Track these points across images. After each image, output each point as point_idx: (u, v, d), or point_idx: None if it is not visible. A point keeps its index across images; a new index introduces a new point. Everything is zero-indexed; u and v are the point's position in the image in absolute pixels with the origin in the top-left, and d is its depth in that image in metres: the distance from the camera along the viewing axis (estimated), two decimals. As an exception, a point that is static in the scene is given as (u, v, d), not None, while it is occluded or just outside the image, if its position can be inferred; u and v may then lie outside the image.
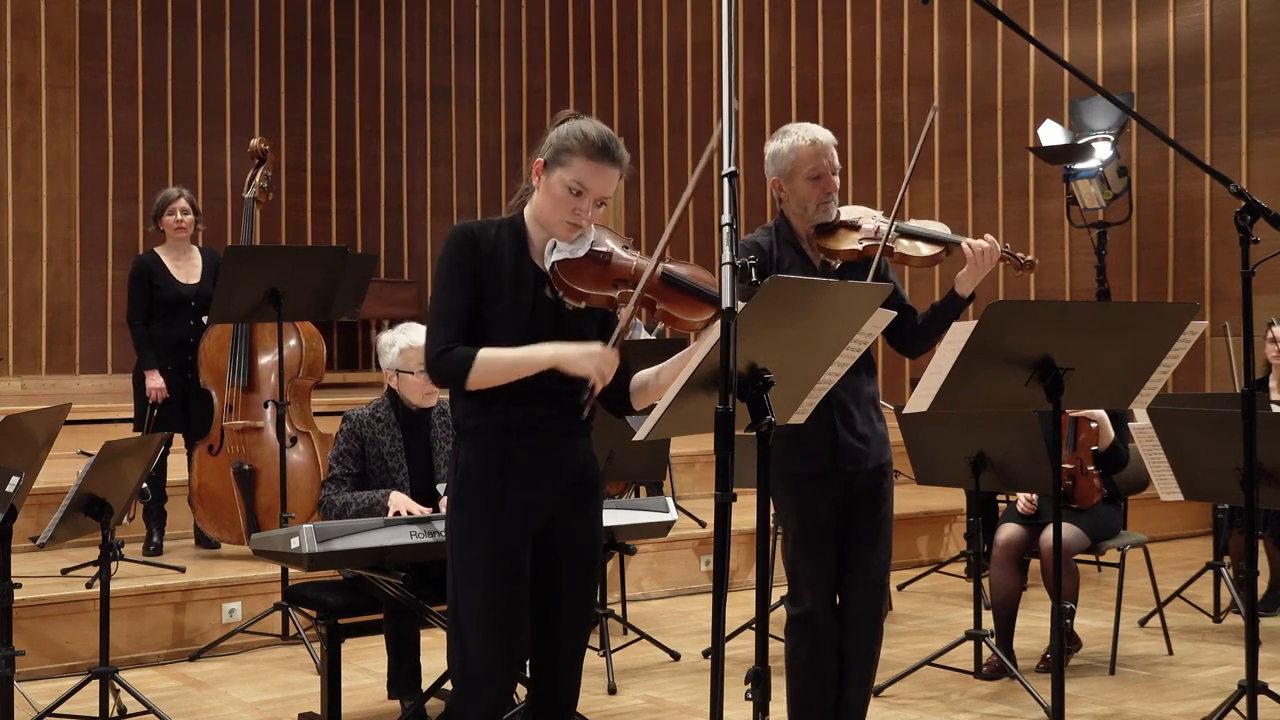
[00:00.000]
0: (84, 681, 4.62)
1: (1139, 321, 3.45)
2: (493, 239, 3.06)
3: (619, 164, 3.05)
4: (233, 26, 12.26)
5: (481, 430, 3.05)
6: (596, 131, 3.04)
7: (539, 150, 3.09)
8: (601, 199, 3.04)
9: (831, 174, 3.76)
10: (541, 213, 3.07)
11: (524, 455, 3.04)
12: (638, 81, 12.47)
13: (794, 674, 3.85)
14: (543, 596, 3.09)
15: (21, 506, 4.06)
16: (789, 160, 3.78)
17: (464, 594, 3.03)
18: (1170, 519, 8.42)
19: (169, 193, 6.60)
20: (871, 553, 3.83)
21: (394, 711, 4.75)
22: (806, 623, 3.80)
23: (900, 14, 10.81)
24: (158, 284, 6.43)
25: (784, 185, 3.80)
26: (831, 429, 3.72)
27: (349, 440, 4.57)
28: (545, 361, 2.95)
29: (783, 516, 3.85)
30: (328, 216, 12.81)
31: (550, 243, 3.05)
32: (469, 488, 3.05)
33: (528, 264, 3.07)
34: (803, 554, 3.79)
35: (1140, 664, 5.54)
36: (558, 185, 3.02)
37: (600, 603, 5.66)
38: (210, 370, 6.41)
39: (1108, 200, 9.01)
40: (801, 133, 3.79)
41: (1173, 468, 4.22)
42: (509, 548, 3.02)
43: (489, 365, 2.97)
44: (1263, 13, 9.12)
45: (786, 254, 3.78)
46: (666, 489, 7.11)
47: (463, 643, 3.03)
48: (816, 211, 3.76)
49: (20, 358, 11.04)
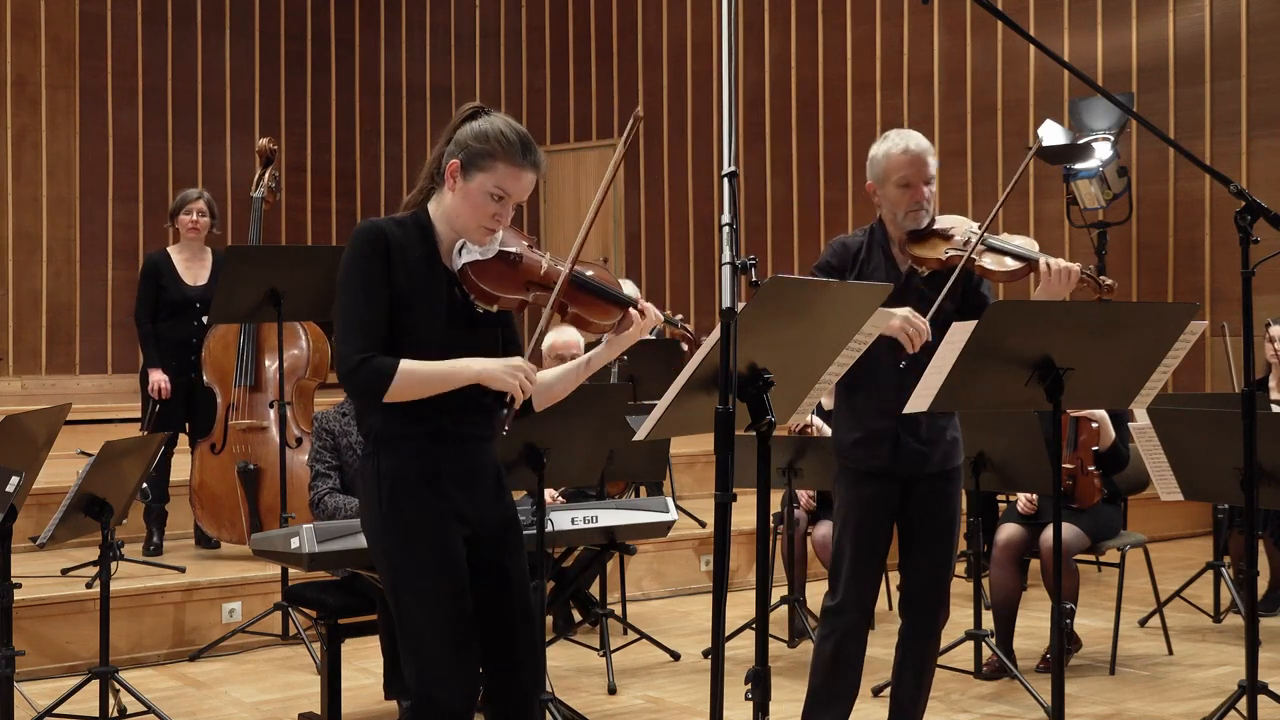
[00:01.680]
0: (84, 681, 4.62)
1: (1139, 321, 3.45)
2: (403, 240, 2.94)
3: (539, 167, 2.96)
4: (233, 26, 12.25)
5: (408, 439, 2.94)
6: (516, 134, 2.94)
7: (450, 149, 2.96)
8: (519, 202, 2.97)
9: (923, 184, 3.77)
10: (457, 216, 2.96)
11: (453, 462, 2.96)
12: (638, 81, 12.46)
13: (817, 665, 3.87)
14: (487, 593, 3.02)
15: (21, 506, 4.06)
16: (882, 166, 3.80)
17: (414, 608, 2.93)
18: (1170, 519, 8.42)
19: (189, 193, 6.62)
20: (928, 560, 3.84)
21: (393, 711, 4.75)
22: (838, 615, 3.82)
23: (900, 14, 10.81)
24: (165, 284, 6.45)
25: (877, 190, 3.83)
26: (894, 429, 3.74)
27: (320, 437, 4.68)
28: (470, 378, 2.89)
29: (837, 509, 3.88)
30: (328, 216, 12.81)
31: (459, 243, 2.97)
32: (398, 498, 2.93)
33: (438, 265, 2.97)
34: (849, 546, 3.81)
35: (1140, 664, 5.54)
36: (477, 191, 2.91)
37: (600, 603, 5.67)
38: (214, 369, 6.42)
39: (1108, 200, 9.01)
40: (897, 139, 3.81)
41: (1173, 468, 4.22)
42: (451, 555, 2.94)
43: (410, 379, 2.86)
44: (1263, 13, 9.12)
45: (875, 256, 3.82)
46: (666, 489, 7.11)
47: (419, 657, 2.93)
48: (905, 218, 3.79)
49: (20, 358, 11.03)
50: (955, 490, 3.88)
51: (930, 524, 3.83)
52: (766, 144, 11.47)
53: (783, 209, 11.31)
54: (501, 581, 3.05)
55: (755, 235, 11.25)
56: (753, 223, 11.17)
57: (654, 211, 12.34)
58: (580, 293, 2.98)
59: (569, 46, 13.04)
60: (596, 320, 3.00)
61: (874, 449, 3.78)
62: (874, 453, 3.78)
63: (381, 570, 3.00)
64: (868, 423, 3.77)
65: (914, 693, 3.90)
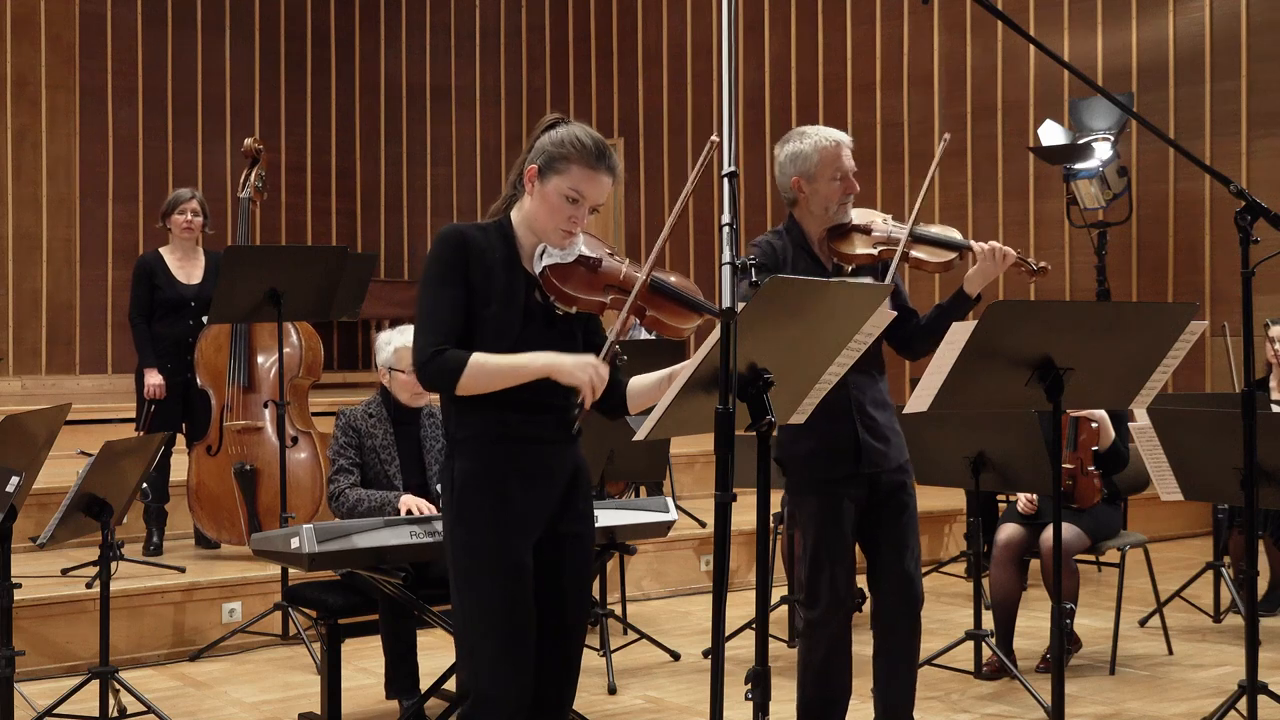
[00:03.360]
0: (84, 681, 4.62)
1: (1139, 321, 3.45)
2: (483, 243, 3.03)
3: (614, 171, 3.05)
4: (233, 27, 12.26)
5: (477, 440, 3.01)
6: (592, 139, 3.03)
7: (530, 155, 3.06)
8: (596, 206, 3.04)
9: (850, 172, 3.77)
10: (535, 219, 3.04)
11: (522, 464, 3.01)
12: (638, 81, 12.47)
13: (806, 678, 3.83)
14: (545, 598, 3.08)
15: (21, 506, 4.06)
16: (813, 160, 3.76)
17: (472, 608, 3.00)
18: (1170, 519, 8.42)
19: (182, 193, 6.61)
20: (902, 552, 3.82)
21: (393, 712, 4.75)
22: (824, 626, 3.78)
23: (900, 14, 10.81)
24: (158, 284, 6.44)
25: (805, 186, 3.79)
26: (853, 432, 3.73)
27: (345, 433, 4.65)
28: (539, 370, 2.93)
29: (802, 521, 3.82)
30: (328, 216, 12.81)
31: (540, 247, 3.05)
32: (469, 499, 3.01)
33: (518, 268, 3.06)
34: (824, 555, 3.76)
35: (1140, 664, 5.54)
36: (554, 193, 3.00)
37: (600, 603, 5.66)
38: (207, 371, 6.41)
39: (1108, 200, 9.01)
40: (823, 133, 3.79)
41: (1173, 468, 4.22)
42: (514, 558, 3.00)
43: (481, 370, 2.93)
44: (1263, 13, 9.12)
45: (799, 258, 3.78)
46: (666, 489, 7.11)
47: (476, 657, 3.00)
48: (838, 211, 3.77)
49: (20, 358, 11.04)
50: (913, 483, 3.90)
51: (898, 517, 3.82)
52: (766, 144, 11.48)
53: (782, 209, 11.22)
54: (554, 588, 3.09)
55: (755, 235, 11.19)
56: (753, 223, 11.17)
57: (654, 211, 12.34)
58: (658, 297, 3.03)
59: (569, 46, 13.04)
60: (674, 324, 3.04)
61: (837, 458, 3.73)
62: (838, 461, 3.74)
63: (450, 570, 3.07)
64: (822, 428, 3.62)
65: (908, 687, 3.88)
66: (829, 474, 3.75)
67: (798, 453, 3.79)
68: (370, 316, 11.71)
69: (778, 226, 3.89)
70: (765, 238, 3.85)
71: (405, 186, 13.28)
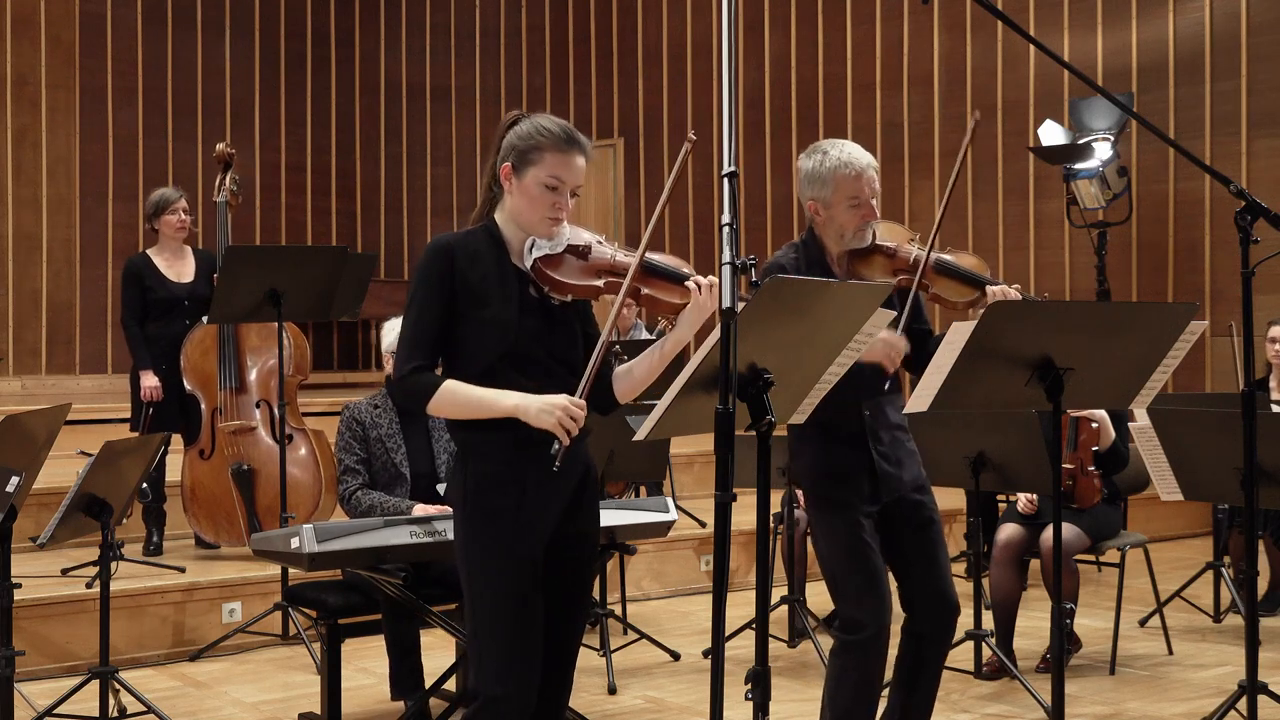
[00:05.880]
0: (84, 681, 4.62)
1: (1139, 321, 3.45)
2: (471, 249, 3.05)
3: (585, 150, 3.08)
4: (233, 26, 12.26)
5: (491, 444, 3.02)
6: (558, 125, 3.06)
7: (500, 155, 3.07)
8: (576, 188, 3.07)
9: (872, 199, 3.62)
10: (520, 215, 3.06)
11: (535, 468, 2.99)
12: (638, 81, 12.46)
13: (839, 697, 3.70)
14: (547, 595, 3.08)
15: (21, 506, 4.06)
16: (829, 187, 3.61)
17: (483, 609, 3.02)
18: (1170, 519, 8.42)
19: (168, 193, 6.61)
20: (932, 566, 3.73)
21: (395, 711, 4.75)
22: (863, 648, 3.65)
23: (900, 14, 10.81)
24: (149, 285, 6.43)
25: (821, 210, 3.66)
26: (868, 460, 3.66)
27: (349, 428, 4.65)
28: (507, 410, 2.94)
29: (825, 531, 3.71)
30: (328, 216, 12.81)
31: (529, 242, 3.06)
32: (483, 501, 3.02)
33: (509, 267, 3.07)
34: (855, 565, 3.65)
35: (1140, 664, 5.54)
36: (533, 184, 3.03)
37: (600, 603, 5.66)
38: (194, 374, 6.38)
39: (1108, 200, 9.01)
40: (844, 157, 3.61)
41: (1173, 468, 4.22)
42: (526, 559, 3.01)
43: (451, 398, 2.99)
44: (1263, 13, 9.12)
45: (814, 274, 3.64)
46: (666, 489, 7.11)
47: (484, 658, 3.01)
48: (854, 238, 3.67)
49: (20, 358, 11.03)
50: (933, 499, 3.81)
51: (924, 532, 3.75)
52: (766, 144, 11.48)
53: (783, 209, 11.30)
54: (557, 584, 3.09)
55: (755, 235, 11.25)
56: (753, 223, 11.17)
57: (654, 211, 12.33)
58: (650, 276, 3.07)
59: (569, 46, 13.04)
60: (665, 298, 3.08)
61: (852, 485, 3.66)
62: (853, 488, 3.66)
63: (461, 571, 3.08)
64: (838, 455, 3.62)
65: (930, 696, 3.83)
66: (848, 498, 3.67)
67: (814, 470, 3.72)
68: (370, 316, 11.70)
69: (794, 241, 3.78)
70: (780, 256, 3.73)
71: (405, 186, 13.28)
